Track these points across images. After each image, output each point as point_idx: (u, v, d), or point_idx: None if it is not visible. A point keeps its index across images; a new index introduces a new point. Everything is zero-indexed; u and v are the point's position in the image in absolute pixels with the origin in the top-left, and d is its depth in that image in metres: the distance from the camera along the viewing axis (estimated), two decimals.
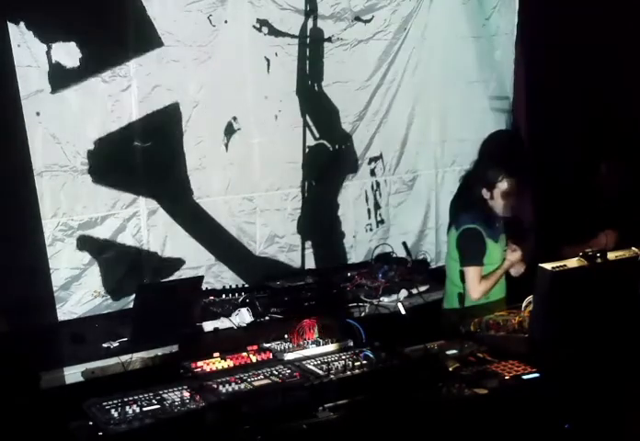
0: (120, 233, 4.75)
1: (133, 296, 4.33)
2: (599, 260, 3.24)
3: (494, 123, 6.07)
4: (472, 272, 4.12)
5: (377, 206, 5.81)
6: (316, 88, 5.41)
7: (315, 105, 5.41)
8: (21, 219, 4.30)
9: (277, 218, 5.37)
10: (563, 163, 5.23)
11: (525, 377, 3.13)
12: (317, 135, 5.45)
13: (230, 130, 5.08)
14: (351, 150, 5.65)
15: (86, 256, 4.64)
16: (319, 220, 5.58)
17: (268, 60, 5.14)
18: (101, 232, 4.68)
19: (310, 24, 5.27)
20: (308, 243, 5.49)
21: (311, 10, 5.25)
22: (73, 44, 4.38)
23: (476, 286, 4.11)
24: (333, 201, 5.64)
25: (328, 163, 5.55)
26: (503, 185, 4.11)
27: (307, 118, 5.37)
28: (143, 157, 4.73)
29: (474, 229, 4.15)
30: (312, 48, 5.31)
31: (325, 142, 5.51)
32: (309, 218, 5.47)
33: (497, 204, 4.16)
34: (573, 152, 5.19)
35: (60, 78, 4.39)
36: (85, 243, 4.62)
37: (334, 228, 5.66)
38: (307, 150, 5.41)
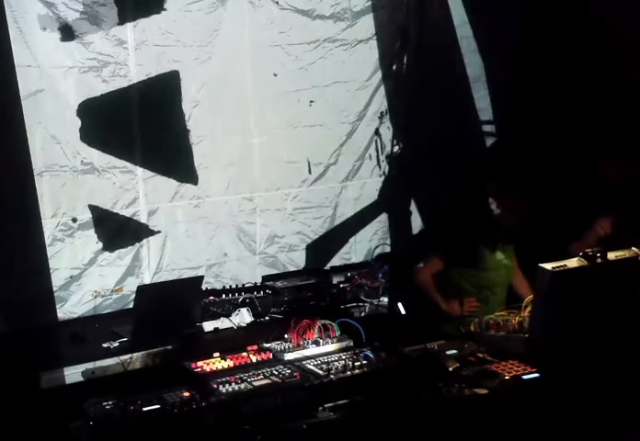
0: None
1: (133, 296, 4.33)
2: (599, 260, 3.24)
3: None
4: (431, 259, 4.31)
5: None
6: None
7: None
8: (21, 219, 4.30)
9: (277, 218, 5.37)
10: (561, 161, 5.23)
11: (525, 377, 3.14)
12: None
13: (230, 130, 5.09)
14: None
15: (86, 256, 4.65)
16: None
17: (267, 60, 5.15)
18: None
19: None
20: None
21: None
22: None
23: (422, 270, 4.32)
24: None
25: None
26: (503, 195, 4.19)
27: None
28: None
29: (469, 234, 4.21)
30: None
31: None
32: None
33: (500, 213, 4.21)
34: (572, 148, 5.19)
35: None
36: None
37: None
38: None
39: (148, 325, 3.99)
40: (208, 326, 4.26)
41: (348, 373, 3.15)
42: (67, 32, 4.39)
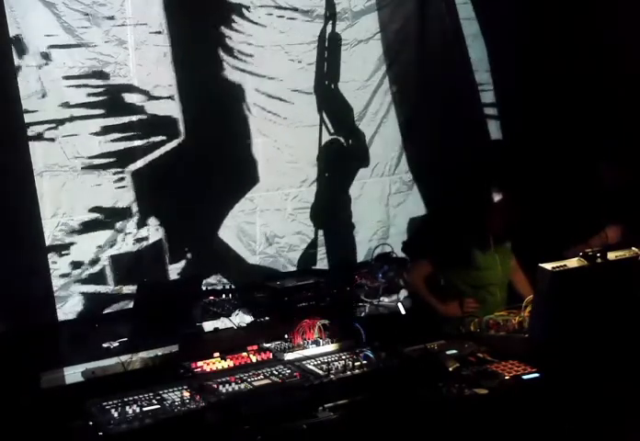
0: (120, 233, 4.76)
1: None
2: (599, 260, 3.24)
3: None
4: (419, 263, 4.41)
5: None
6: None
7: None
8: (21, 219, 4.30)
9: (277, 218, 5.37)
10: (560, 162, 5.24)
11: (525, 377, 3.14)
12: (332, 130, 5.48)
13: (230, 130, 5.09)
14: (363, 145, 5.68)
15: (87, 256, 4.65)
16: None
17: (267, 60, 5.15)
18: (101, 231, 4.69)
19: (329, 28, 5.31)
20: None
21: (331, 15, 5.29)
22: None
23: (412, 275, 4.49)
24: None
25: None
26: (495, 197, 4.20)
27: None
28: None
29: (458, 235, 4.22)
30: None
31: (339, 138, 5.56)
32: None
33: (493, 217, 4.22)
34: (571, 150, 5.20)
35: None
36: None
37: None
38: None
39: (148, 325, 3.99)
40: (208, 326, 4.26)
41: (348, 373, 3.15)
42: (67, 32, 4.39)
